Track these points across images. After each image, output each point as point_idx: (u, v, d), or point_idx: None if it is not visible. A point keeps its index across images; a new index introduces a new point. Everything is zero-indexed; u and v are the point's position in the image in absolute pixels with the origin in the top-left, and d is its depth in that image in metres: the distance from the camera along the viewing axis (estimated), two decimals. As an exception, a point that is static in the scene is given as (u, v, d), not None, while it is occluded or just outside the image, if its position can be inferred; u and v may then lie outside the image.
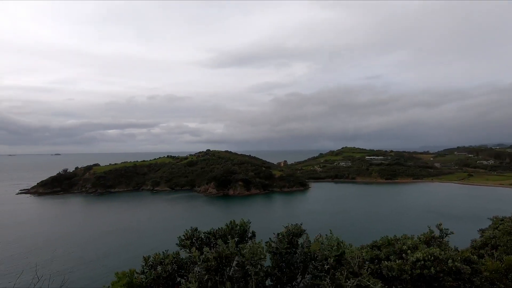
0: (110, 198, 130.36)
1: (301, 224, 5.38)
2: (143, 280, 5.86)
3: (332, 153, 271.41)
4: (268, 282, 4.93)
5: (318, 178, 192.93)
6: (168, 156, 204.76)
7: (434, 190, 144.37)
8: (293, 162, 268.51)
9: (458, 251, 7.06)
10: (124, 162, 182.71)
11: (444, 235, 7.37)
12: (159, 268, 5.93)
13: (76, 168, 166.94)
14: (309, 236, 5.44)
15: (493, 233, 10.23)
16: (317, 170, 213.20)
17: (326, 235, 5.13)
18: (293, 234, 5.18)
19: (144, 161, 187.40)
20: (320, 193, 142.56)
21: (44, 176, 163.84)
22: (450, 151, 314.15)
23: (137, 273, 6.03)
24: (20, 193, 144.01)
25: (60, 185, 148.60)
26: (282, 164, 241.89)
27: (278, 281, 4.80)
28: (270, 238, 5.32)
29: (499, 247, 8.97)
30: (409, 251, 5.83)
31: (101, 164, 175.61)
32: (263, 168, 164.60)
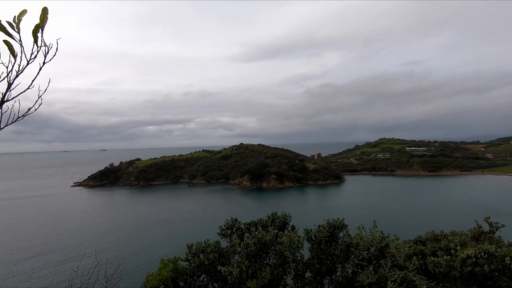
0: (151, 191, 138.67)
1: (343, 219, 5.30)
2: (187, 266, 6.24)
3: (369, 144, 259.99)
4: (307, 274, 4.96)
5: (354, 170, 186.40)
6: (203, 150, 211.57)
7: (485, 184, 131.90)
8: (327, 155, 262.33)
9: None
10: (163, 156, 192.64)
11: (495, 229, 6.79)
12: (201, 256, 6.27)
13: (121, 162, 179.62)
14: (349, 230, 5.35)
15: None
16: (353, 162, 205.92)
17: (370, 228, 5.00)
18: (334, 227, 5.13)
19: (181, 155, 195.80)
20: (356, 186, 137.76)
21: (93, 170, 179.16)
22: (504, 140, 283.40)
23: (181, 260, 6.43)
24: (74, 185, 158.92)
25: (107, 178, 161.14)
26: (316, 157, 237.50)
27: (317, 272, 4.81)
28: (310, 229, 5.33)
29: None
30: (458, 247, 5.47)
31: (142, 159, 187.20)
32: (297, 161, 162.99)
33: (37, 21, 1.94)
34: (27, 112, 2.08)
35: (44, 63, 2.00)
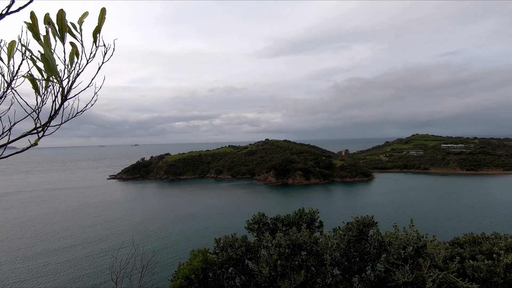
0: (180, 184, 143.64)
1: (373, 216, 5.15)
2: (215, 260, 6.43)
3: (400, 141, 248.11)
4: (335, 271, 4.90)
5: (383, 168, 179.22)
6: (229, 145, 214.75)
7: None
8: (355, 152, 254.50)
9: None
10: (191, 151, 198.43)
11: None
12: (229, 250, 6.42)
13: (151, 157, 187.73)
14: (379, 228, 5.19)
15: None
16: (383, 159, 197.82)
17: (404, 227, 4.82)
18: (364, 225, 5.01)
19: (208, 150, 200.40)
20: (386, 184, 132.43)
21: (127, 164, 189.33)
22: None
23: (209, 253, 6.64)
24: (110, 178, 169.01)
25: (139, 171, 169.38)
26: (343, 153, 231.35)
27: (346, 271, 4.74)
28: (339, 227, 5.25)
29: None
30: (501, 252, 5.09)
31: (171, 154, 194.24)
32: (323, 158, 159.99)
33: (96, 22, 2.10)
34: (85, 107, 2.27)
35: (103, 62, 2.16)
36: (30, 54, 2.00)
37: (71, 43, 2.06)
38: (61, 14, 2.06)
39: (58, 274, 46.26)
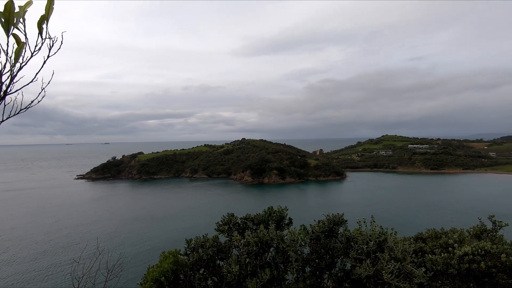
0: (153, 184, 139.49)
1: (343, 214, 5.32)
2: (186, 261, 6.31)
3: (371, 141, 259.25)
4: (307, 269, 5.00)
5: (355, 167, 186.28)
6: (205, 144, 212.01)
7: (488, 182, 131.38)
8: (329, 151, 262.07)
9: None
10: (165, 150, 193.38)
11: (498, 227, 6.81)
12: (200, 250, 6.33)
13: (123, 156, 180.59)
14: (348, 226, 5.39)
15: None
16: (355, 159, 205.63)
17: (370, 223, 5.04)
18: (334, 223, 5.16)
19: (183, 149, 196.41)
20: (357, 182, 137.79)
21: (96, 163, 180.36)
22: (508, 139, 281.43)
23: (180, 254, 6.51)
24: (77, 178, 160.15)
25: (109, 171, 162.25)
26: (317, 153, 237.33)
27: (316, 267, 4.86)
28: (310, 224, 5.36)
29: None
30: (455, 245, 5.48)
31: (144, 152, 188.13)
32: (298, 157, 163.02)
33: (42, 12, 1.94)
34: (29, 104, 2.10)
35: (48, 56, 2.01)
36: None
37: (14, 35, 1.89)
38: (9, 5, 1.90)
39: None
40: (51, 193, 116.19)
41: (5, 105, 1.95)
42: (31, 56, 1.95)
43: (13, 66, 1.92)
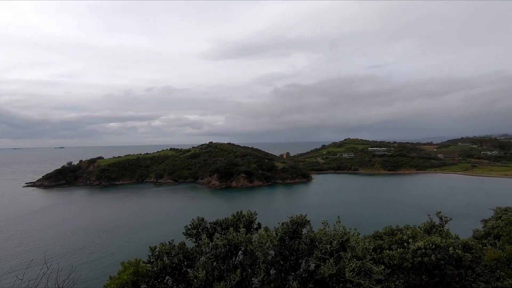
0: (114, 191, 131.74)
1: (306, 215, 5.46)
2: (150, 269, 5.99)
3: (334, 144, 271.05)
4: (272, 271, 5.04)
5: (320, 169, 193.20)
6: (170, 148, 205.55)
7: (437, 181, 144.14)
8: (295, 154, 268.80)
9: (459, 239, 7.15)
10: (127, 155, 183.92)
11: (444, 222, 7.47)
12: (165, 258, 6.06)
13: (80, 161, 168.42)
14: (312, 227, 5.54)
15: (496, 223, 10.30)
16: (320, 161, 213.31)
17: (334, 223, 5.23)
18: (298, 224, 5.27)
19: (147, 153, 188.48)
20: (323, 184, 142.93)
21: (49, 169, 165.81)
22: (453, 142, 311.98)
23: (144, 262, 6.16)
24: (26, 186, 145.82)
25: (64, 178, 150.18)
26: (284, 156, 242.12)
27: (281, 269, 4.92)
28: (274, 227, 5.42)
29: (501, 237, 9.04)
30: (410, 240, 5.93)
31: (104, 157, 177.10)
32: (266, 160, 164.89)
33: None
34: None
35: None
36: None
37: None
38: None
39: None
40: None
41: None
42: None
43: None
